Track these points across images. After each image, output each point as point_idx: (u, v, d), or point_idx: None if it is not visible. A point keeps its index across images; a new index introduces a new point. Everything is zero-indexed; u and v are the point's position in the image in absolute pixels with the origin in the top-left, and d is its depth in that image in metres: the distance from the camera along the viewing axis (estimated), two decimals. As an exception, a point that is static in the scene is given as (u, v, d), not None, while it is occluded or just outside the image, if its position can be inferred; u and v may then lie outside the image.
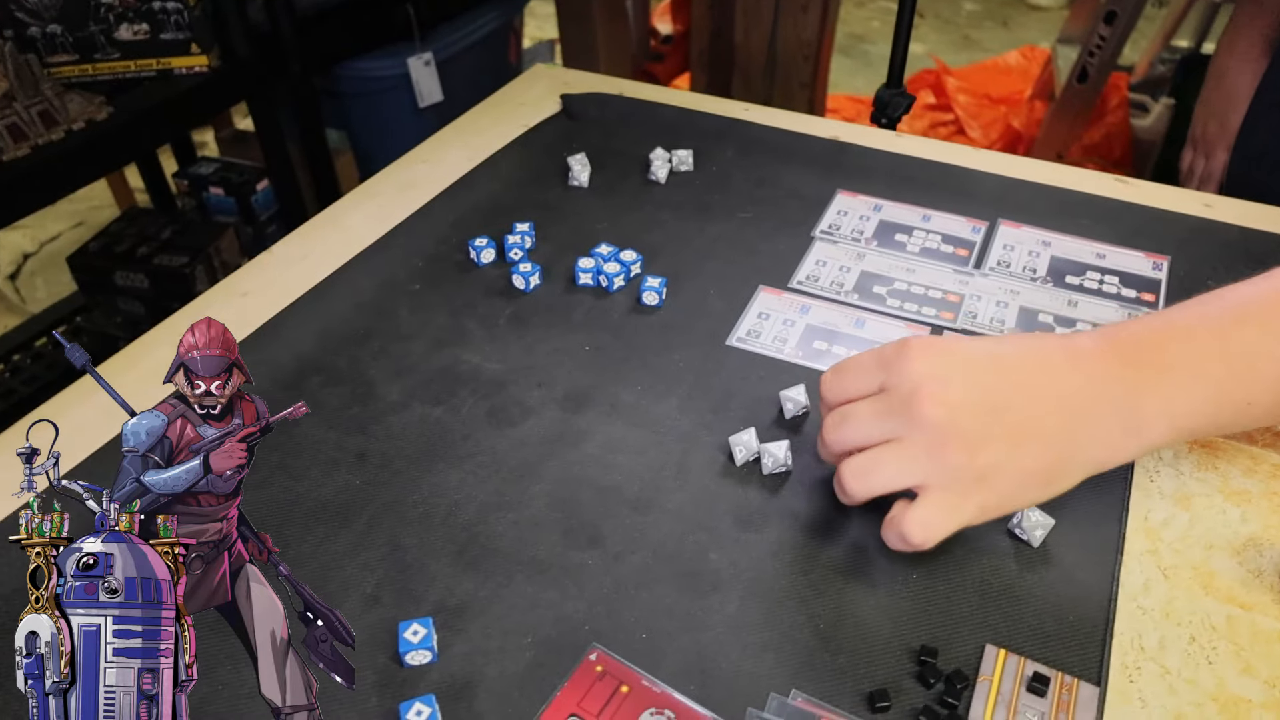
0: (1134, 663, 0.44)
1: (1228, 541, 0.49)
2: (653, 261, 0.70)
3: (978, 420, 0.44)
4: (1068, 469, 0.45)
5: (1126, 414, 0.45)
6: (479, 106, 0.91)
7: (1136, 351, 0.45)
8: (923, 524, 0.45)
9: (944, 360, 0.45)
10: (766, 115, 0.87)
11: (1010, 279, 0.68)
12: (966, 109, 2.72)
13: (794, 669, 0.44)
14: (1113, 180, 0.78)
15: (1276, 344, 0.44)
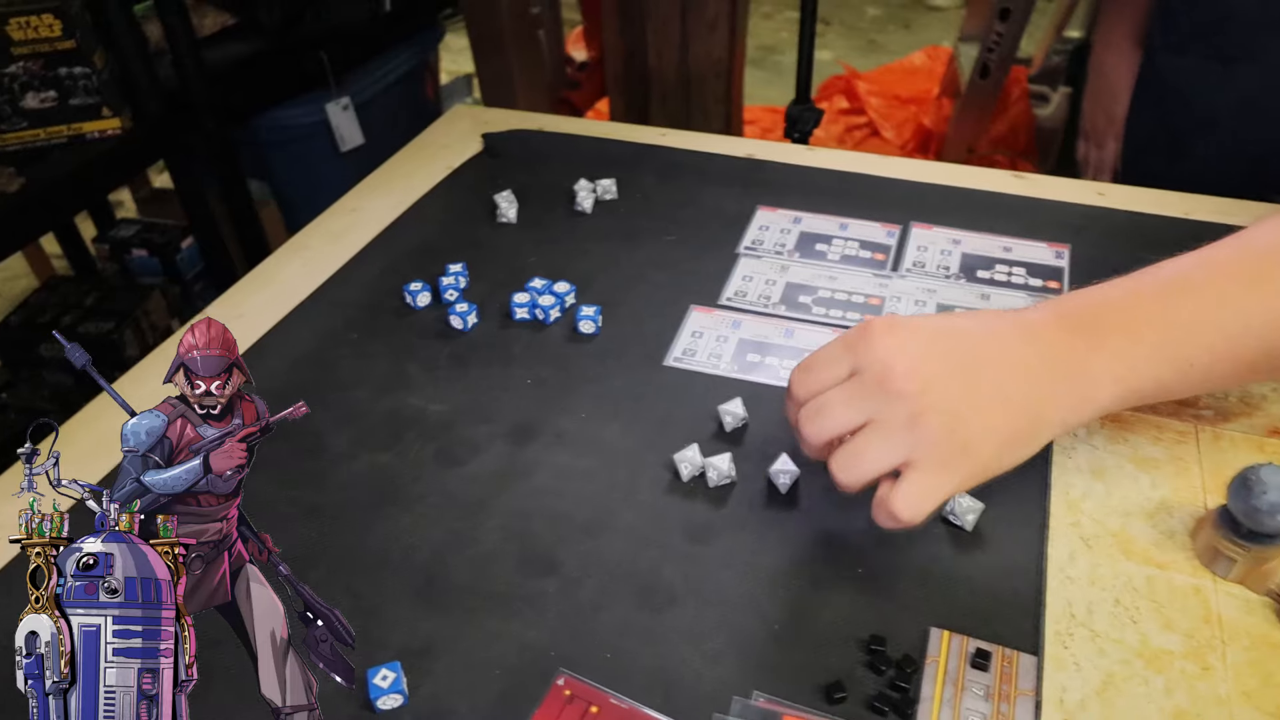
0: (1066, 630, 0.47)
1: (1141, 507, 0.53)
2: (586, 290, 0.72)
3: (952, 391, 0.45)
4: (1037, 432, 0.47)
5: (1077, 378, 0.47)
6: (402, 152, 0.92)
7: (1080, 320, 0.48)
8: (910, 500, 0.45)
9: (910, 336, 0.47)
10: (683, 139, 0.90)
11: (926, 278, 0.72)
12: (879, 111, 2.80)
13: (753, 671, 0.46)
14: (1011, 176, 0.82)
15: (1210, 310, 0.47)
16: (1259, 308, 0.47)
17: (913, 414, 0.45)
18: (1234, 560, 0.48)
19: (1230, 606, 0.47)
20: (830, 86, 2.89)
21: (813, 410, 0.48)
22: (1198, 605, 0.48)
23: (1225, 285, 0.48)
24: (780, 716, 0.44)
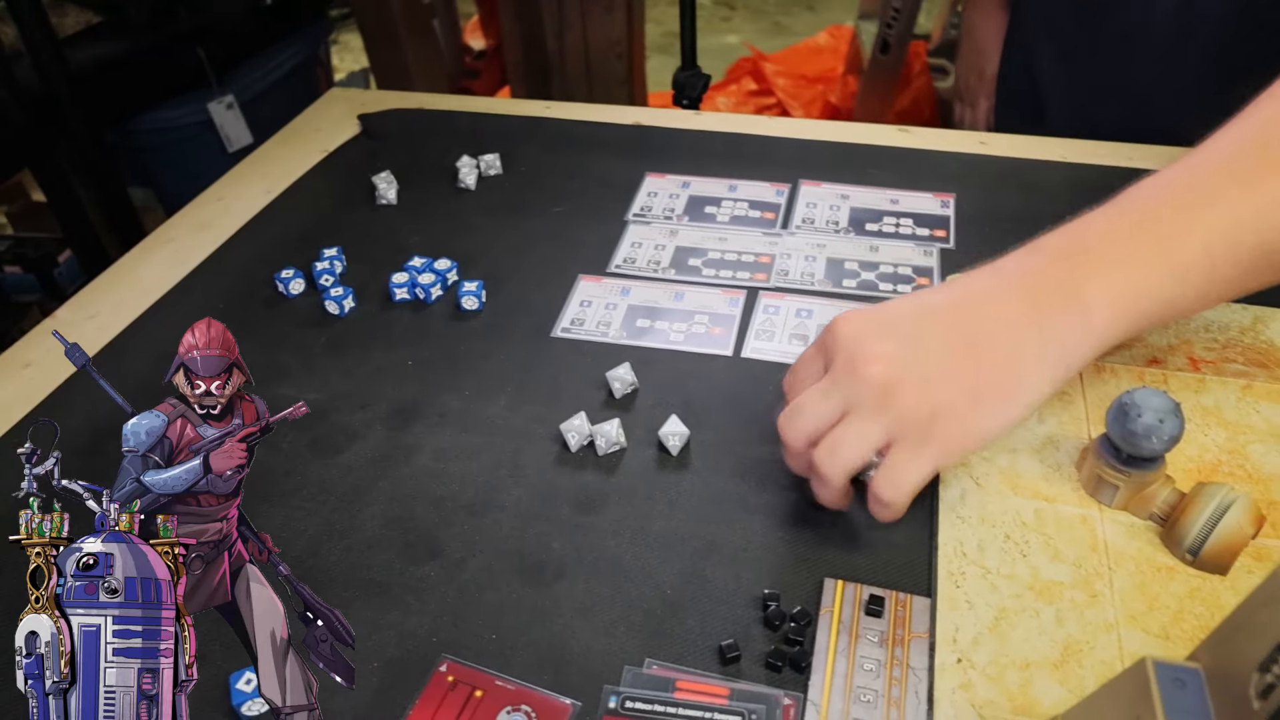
0: (958, 569, 0.46)
1: (1028, 444, 0.53)
2: (470, 267, 0.69)
3: (919, 363, 0.44)
4: (1024, 385, 0.44)
5: (1068, 310, 0.44)
6: (275, 137, 0.88)
7: (1062, 250, 0.45)
8: (892, 481, 0.44)
9: (871, 321, 0.45)
10: (568, 110, 0.88)
11: (816, 234, 0.71)
12: (786, 91, 2.82)
13: (645, 639, 0.44)
14: (896, 131, 0.82)
15: (1201, 211, 0.44)
16: (1249, 203, 0.44)
17: (882, 393, 0.43)
18: (1117, 487, 0.48)
19: (1116, 533, 0.48)
20: (738, 69, 2.90)
21: (789, 413, 0.46)
22: (1085, 534, 0.48)
23: (1210, 185, 0.45)
24: (674, 682, 0.42)
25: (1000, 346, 0.44)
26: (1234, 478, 0.50)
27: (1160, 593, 0.45)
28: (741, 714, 0.41)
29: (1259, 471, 0.50)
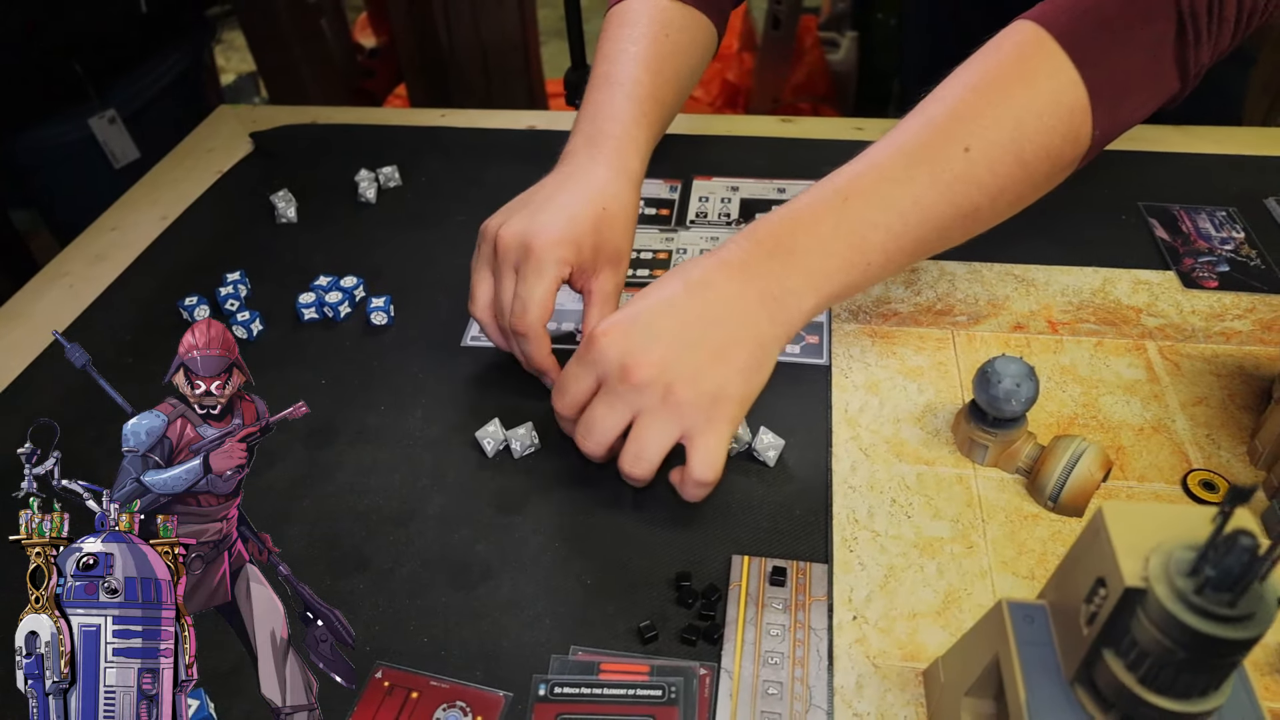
0: (851, 535, 0.51)
1: (910, 413, 0.58)
2: (376, 281, 0.71)
3: (686, 357, 0.49)
4: (766, 354, 0.51)
5: (784, 297, 0.51)
6: (165, 161, 0.87)
7: (774, 244, 0.52)
8: (704, 461, 0.49)
9: (630, 329, 0.50)
10: (464, 118, 0.89)
11: (709, 228, 0.75)
12: (685, 71, 2.85)
13: (570, 628, 0.48)
14: (779, 122, 0.86)
15: (877, 211, 0.52)
16: (911, 197, 0.52)
17: (664, 394, 0.49)
18: (986, 447, 0.53)
19: (988, 488, 0.53)
20: (634, 51, 2.91)
21: (584, 429, 0.52)
22: (961, 492, 0.53)
23: (885, 185, 0.52)
24: (598, 665, 0.46)
25: (741, 326, 0.50)
26: (1088, 429, 0.56)
27: (1027, 539, 0.50)
28: (662, 688, 0.44)
29: (1109, 421, 0.56)
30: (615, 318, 0.51)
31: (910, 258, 0.54)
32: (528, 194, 0.61)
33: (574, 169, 0.61)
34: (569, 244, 0.56)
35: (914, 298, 0.66)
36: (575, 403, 0.52)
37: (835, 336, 0.63)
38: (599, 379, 0.51)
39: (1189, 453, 0.54)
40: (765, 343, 0.51)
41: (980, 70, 0.53)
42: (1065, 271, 0.67)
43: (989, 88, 0.53)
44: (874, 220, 0.52)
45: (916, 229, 0.52)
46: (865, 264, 0.52)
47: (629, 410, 0.50)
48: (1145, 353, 0.61)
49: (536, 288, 0.55)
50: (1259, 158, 0.78)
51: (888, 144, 0.54)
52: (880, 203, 0.52)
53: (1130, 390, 0.58)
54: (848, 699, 0.43)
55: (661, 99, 0.66)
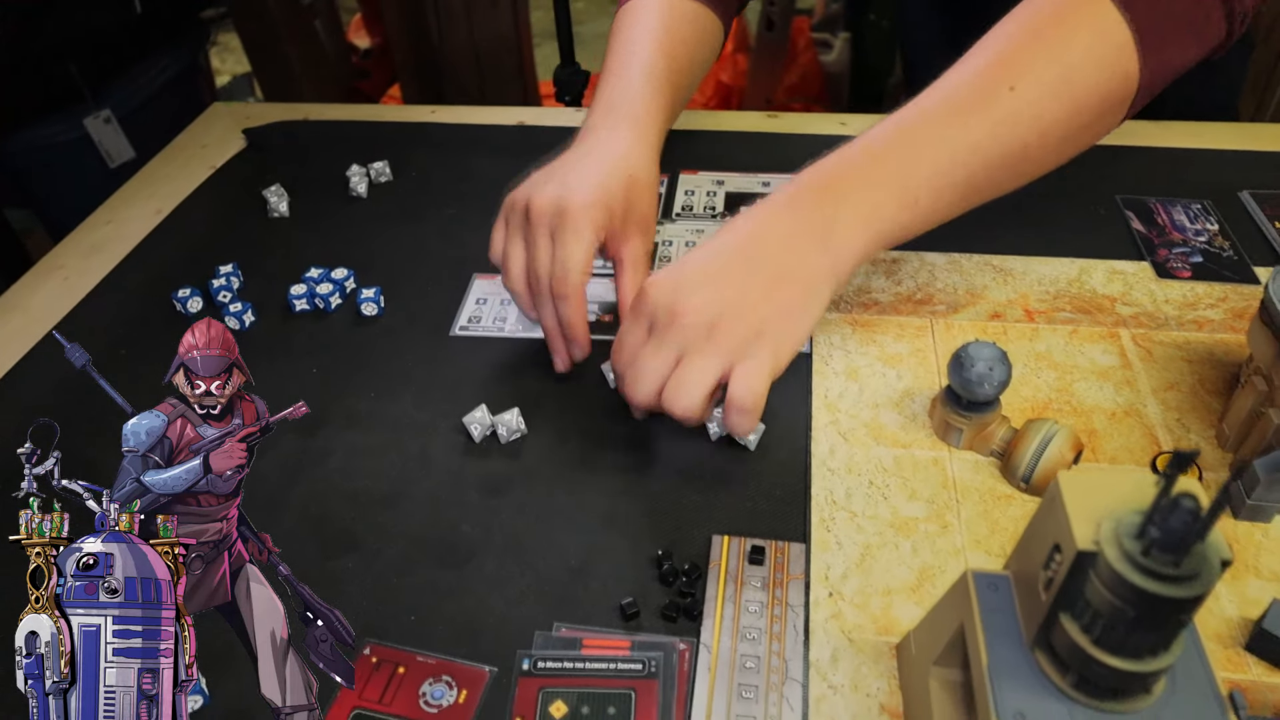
0: (829, 515, 0.52)
1: (889, 398, 0.59)
2: (366, 273, 0.72)
3: (729, 296, 0.51)
4: (816, 288, 0.52)
5: (830, 227, 0.52)
6: (159, 156, 0.88)
7: (821, 183, 0.54)
8: (744, 387, 0.49)
9: (678, 279, 0.52)
10: (454, 114, 0.90)
11: (695, 220, 0.76)
12: (681, 73, 2.87)
13: (554, 606, 0.49)
14: (765, 117, 0.88)
15: (926, 149, 0.53)
16: (958, 135, 0.53)
17: (709, 329, 0.50)
18: (961, 430, 0.55)
19: (963, 470, 0.54)
20: (631, 54, 2.93)
21: (631, 378, 0.53)
22: (937, 474, 0.54)
23: (931, 126, 0.54)
24: (581, 641, 0.47)
25: (789, 263, 0.52)
26: (1062, 413, 0.57)
27: (1000, 518, 0.51)
28: (642, 662, 0.46)
29: (1082, 405, 0.58)
30: (664, 269, 0.53)
31: (961, 199, 0.55)
32: (551, 167, 0.61)
33: (596, 142, 0.62)
34: (602, 207, 0.57)
35: (894, 287, 0.67)
36: (632, 356, 0.53)
37: (817, 325, 0.64)
38: (649, 326, 0.52)
39: (1159, 436, 0.55)
40: (814, 279, 0.52)
41: (1022, 18, 0.55)
42: (1042, 262, 0.69)
43: (1032, 30, 0.54)
44: (921, 157, 0.53)
45: (965, 167, 0.54)
46: (913, 201, 0.53)
47: (675, 351, 0.51)
48: (1119, 340, 0.62)
49: (576, 249, 0.56)
50: (1234, 152, 0.80)
51: (933, 92, 0.55)
52: (927, 141, 0.54)
53: (1104, 376, 0.59)
54: (823, 671, 0.45)
55: (675, 83, 0.68)
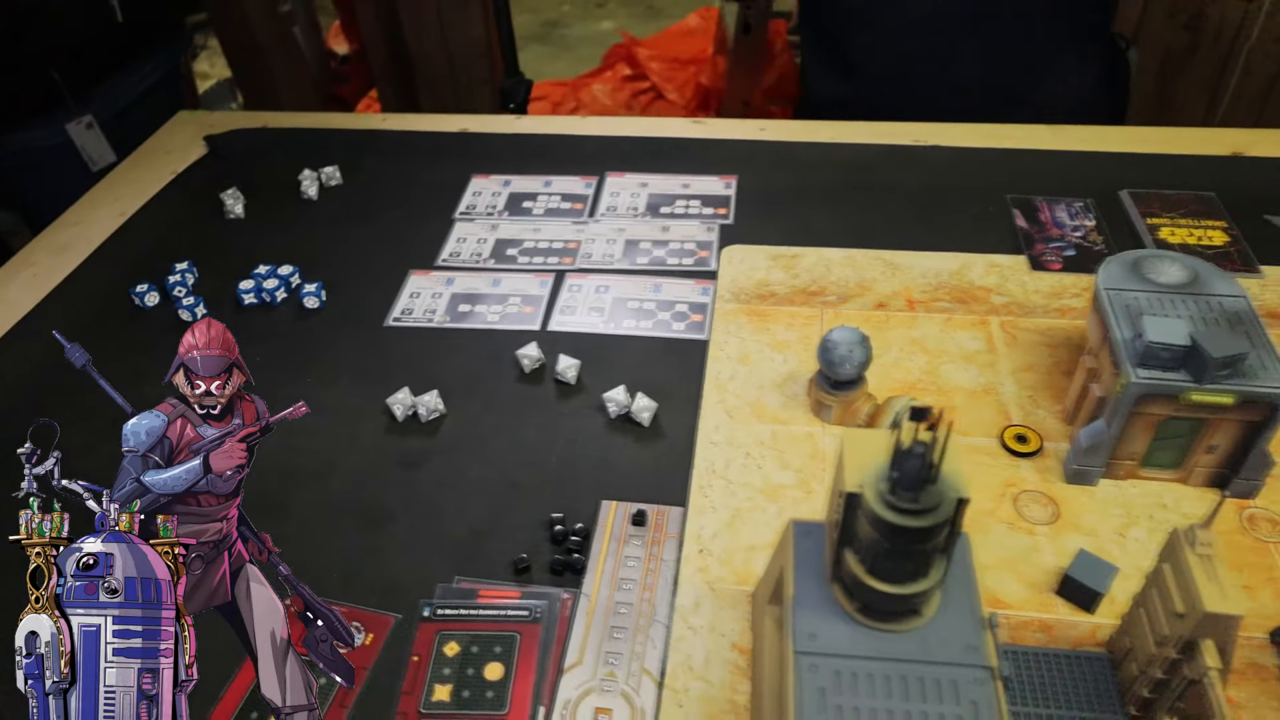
0: (707, 483, 0.58)
1: (773, 380, 0.65)
2: (312, 270, 0.78)
3: None
4: None
5: None
6: (126, 161, 0.94)
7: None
8: None
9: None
10: (402, 121, 0.97)
11: (618, 219, 0.82)
12: (660, 74, 2.93)
13: (457, 563, 0.55)
14: (691, 123, 0.94)
15: None
16: None
17: None
18: (831, 407, 0.61)
19: (832, 443, 0.60)
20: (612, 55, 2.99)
21: None
22: (809, 447, 0.60)
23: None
24: (476, 592, 0.53)
25: None
26: (927, 391, 0.63)
27: (859, 485, 0.57)
28: (529, 609, 0.52)
29: (947, 385, 0.64)
30: None
31: None
32: None
33: None
34: None
35: (792, 281, 0.74)
36: None
37: (717, 316, 0.71)
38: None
39: (1010, 411, 0.61)
40: None
41: None
42: (929, 256, 0.75)
43: None
44: None
45: None
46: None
47: None
48: (988, 327, 0.68)
49: None
50: (1120, 154, 0.86)
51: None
52: None
53: (969, 359, 0.66)
54: (685, 615, 0.51)
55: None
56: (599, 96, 3.06)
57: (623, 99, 2.93)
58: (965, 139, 0.88)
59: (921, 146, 0.87)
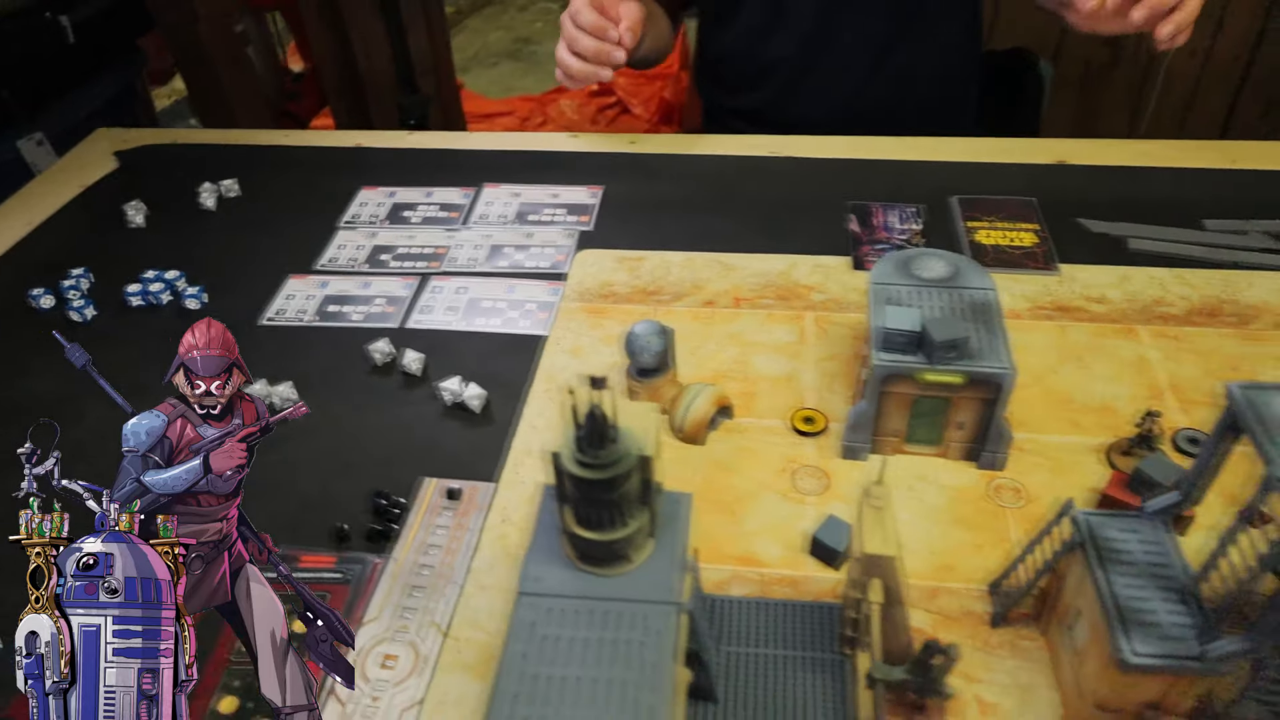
0: (521, 462, 0.64)
1: (598, 371, 0.71)
2: (200, 274, 0.84)
3: None
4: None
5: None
6: (41, 176, 1.01)
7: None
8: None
9: None
10: (302, 137, 1.03)
11: (488, 227, 0.88)
12: (626, 89, 3.01)
13: (284, 532, 0.60)
14: (568, 137, 1.00)
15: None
16: None
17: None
18: (639, 393, 0.67)
19: (639, 425, 0.66)
20: (581, 74, 3.07)
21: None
22: (618, 429, 0.66)
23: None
24: (298, 558, 0.59)
25: None
26: (735, 379, 0.69)
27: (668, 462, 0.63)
28: (342, 572, 0.58)
29: (754, 374, 0.70)
30: None
31: None
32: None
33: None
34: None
35: (633, 281, 0.80)
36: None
37: (560, 313, 0.77)
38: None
39: (806, 396, 0.68)
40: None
41: None
42: (763, 258, 0.81)
43: None
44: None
45: None
46: None
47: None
48: (803, 321, 0.74)
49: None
50: (961, 163, 0.92)
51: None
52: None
53: (779, 350, 0.72)
54: (479, 576, 0.57)
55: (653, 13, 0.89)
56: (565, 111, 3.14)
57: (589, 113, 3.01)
58: (818, 151, 0.94)
59: (775, 158, 0.94)
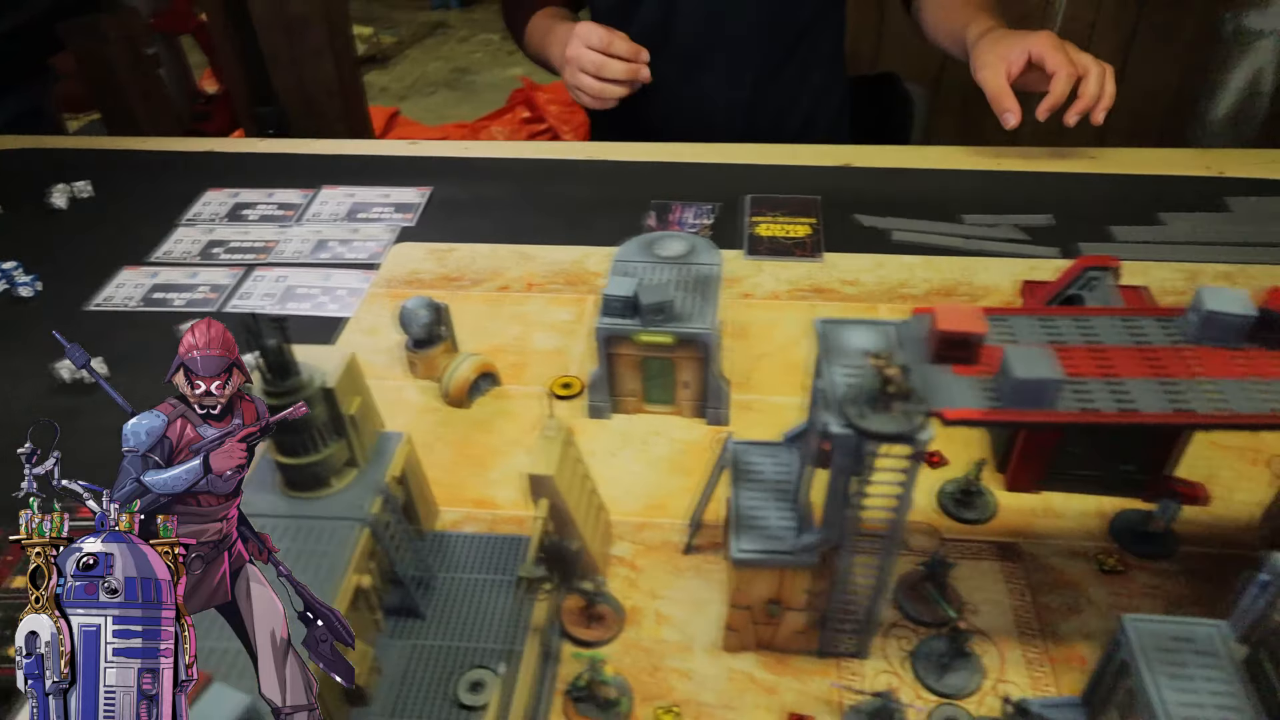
0: (302, 424, 0.70)
1: (387, 347, 0.78)
2: (37, 266, 0.90)
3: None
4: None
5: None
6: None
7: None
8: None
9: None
10: (150, 143, 1.10)
11: (319, 224, 0.95)
12: (558, 117, 3.10)
13: (74, 489, 0.66)
14: (407, 144, 1.08)
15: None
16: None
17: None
18: (416, 363, 0.74)
19: (414, 393, 0.73)
20: (514, 99, 3.17)
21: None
22: (398, 399, 0.73)
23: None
24: (80, 509, 0.64)
25: None
26: (512, 353, 0.77)
27: (434, 423, 0.70)
28: (117, 520, 0.63)
29: (530, 348, 0.77)
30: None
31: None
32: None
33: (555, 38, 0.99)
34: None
35: (439, 269, 0.87)
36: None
37: (367, 298, 0.84)
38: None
39: (570, 366, 0.75)
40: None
41: None
42: (562, 250, 0.89)
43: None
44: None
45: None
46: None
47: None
48: (584, 304, 0.82)
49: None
50: (761, 165, 1.01)
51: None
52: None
53: (556, 329, 0.79)
54: (240, 521, 0.63)
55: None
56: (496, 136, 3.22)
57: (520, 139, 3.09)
58: (626, 154, 1.03)
59: (590, 161, 1.02)
